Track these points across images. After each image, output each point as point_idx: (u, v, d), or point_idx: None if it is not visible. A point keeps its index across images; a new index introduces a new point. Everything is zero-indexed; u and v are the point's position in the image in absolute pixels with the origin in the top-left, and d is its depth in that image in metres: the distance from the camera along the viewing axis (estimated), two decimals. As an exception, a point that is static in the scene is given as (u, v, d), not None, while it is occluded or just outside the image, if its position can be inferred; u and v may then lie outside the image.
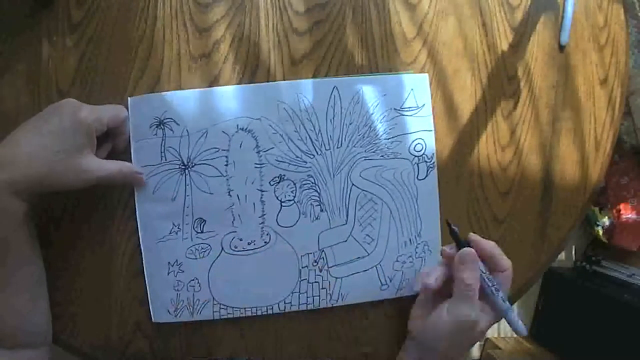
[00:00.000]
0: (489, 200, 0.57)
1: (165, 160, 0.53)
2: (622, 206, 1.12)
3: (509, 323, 0.50)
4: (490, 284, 0.49)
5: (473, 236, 0.51)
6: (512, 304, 0.60)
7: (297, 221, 0.54)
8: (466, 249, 0.49)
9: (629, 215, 1.11)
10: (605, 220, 1.14)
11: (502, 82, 0.57)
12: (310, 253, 0.54)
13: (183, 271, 0.53)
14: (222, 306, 0.54)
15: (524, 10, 0.58)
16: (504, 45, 0.58)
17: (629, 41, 0.61)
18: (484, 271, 0.49)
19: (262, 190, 0.53)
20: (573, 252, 1.29)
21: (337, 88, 0.54)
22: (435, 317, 0.49)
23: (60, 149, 0.44)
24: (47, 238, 0.53)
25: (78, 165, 0.45)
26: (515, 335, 1.42)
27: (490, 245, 0.50)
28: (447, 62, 0.56)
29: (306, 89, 0.54)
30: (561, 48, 0.58)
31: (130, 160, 0.52)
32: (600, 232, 1.15)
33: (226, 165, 0.53)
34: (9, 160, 0.43)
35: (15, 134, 0.44)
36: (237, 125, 0.53)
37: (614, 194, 1.12)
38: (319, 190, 0.54)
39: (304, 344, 0.55)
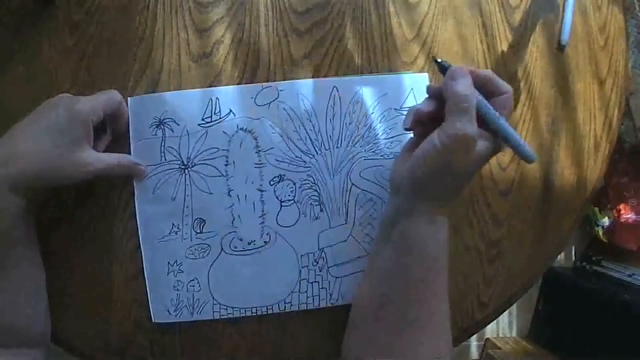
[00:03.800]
0: (489, 200, 0.57)
1: (165, 160, 0.53)
2: (622, 206, 1.11)
3: (515, 149, 0.43)
4: (489, 108, 0.42)
5: (466, 67, 0.43)
6: (512, 303, 0.61)
7: (297, 221, 0.54)
8: (456, 67, 0.43)
9: (629, 215, 1.11)
10: (605, 220, 1.14)
11: (502, 82, 0.57)
12: (310, 253, 0.54)
13: (183, 271, 0.53)
14: (222, 306, 0.54)
15: (523, 11, 0.58)
16: (503, 45, 0.58)
17: (628, 41, 0.61)
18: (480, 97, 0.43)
19: (262, 190, 0.53)
20: (573, 252, 1.29)
21: (336, 88, 0.54)
22: (423, 147, 0.43)
23: (57, 144, 0.44)
24: (47, 238, 0.53)
25: (76, 158, 0.45)
26: (515, 335, 1.42)
27: (487, 72, 0.44)
28: (447, 63, 0.56)
29: (306, 89, 0.54)
30: (561, 48, 0.58)
31: (130, 158, 0.53)
32: (600, 232, 1.15)
33: (226, 165, 0.53)
34: (6, 157, 0.43)
35: (13, 131, 0.45)
36: (237, 125, 0.53)
37: (614, 194, 1.12)
38: (318, 190, 0.54)
39: (304, 344, 0.55)
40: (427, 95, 0.46)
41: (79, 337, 0.54)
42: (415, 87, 0.55)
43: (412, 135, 0.49)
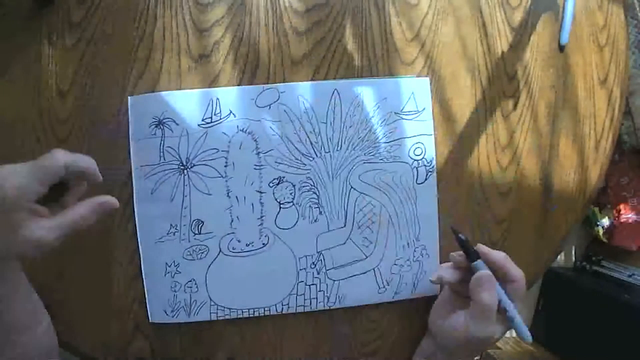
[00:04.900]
0: (489, 200, 0.57)
1: (164, 160, 0.53)
2: (622, 206, 1.11)
3: (518, 332, 0.50)
4: (502, 295, 0.48)
5: (482, 247, 0.50)
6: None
7: (295, 223, 0.54)
8: (483, 273, 0.48)
9: (629, 215, 1.10)
10: (605, 220, 1.13)
11: (502, 82, 0.57)
12: (309, 255, 0.54)
13: (180, 272, 0.53)
14: (219, 307, 0.54)
15: (523, 11, 0.58)
16: (503, 45, 0.57)
17: (628, 41, 0.61)
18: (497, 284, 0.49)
19: (261, 192, 0.53)
20: (573, 252, 1.28)
21: (337, 91, 0.54)
22: (454, 324, 0.50)
23: None
24: (47, 238, 0.53)
25: (23, 238, 0.40)
26: (514, 336, 1.42)
27: (500, 257, 0.49)
28: (446, 63, 0.56)
29: (306, 91, 0.53)
30: (561, 48, 0.58)
31: (129, 160, 0.53)
32: (600, 232, 1.14)
33: (225, 166, 0.53)
34: None
35: None
36: (237, 127, 0.53)
37: (614, 194, 1.12)
38: (318, 193, 0.54)
39: (304, 345, 0.56)
40: (451, 263, 0.52)
41: (79, 337, 0.54)
42: (415, 91, 0.55)
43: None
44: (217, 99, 0.53)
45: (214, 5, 0.54)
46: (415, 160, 0.55)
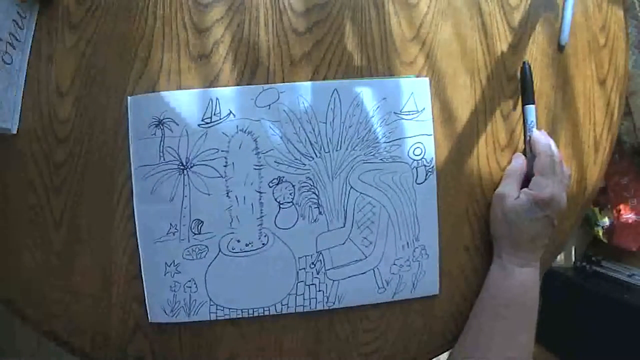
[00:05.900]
0: (489, 200, 0.57)
1: (164, 160, 0.53)
2: (622, 206, 1.11)
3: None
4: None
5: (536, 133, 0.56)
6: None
7: (295, 223, 0.54)
8: (519, 158, 0.57)
9: (629, 215, 1.11)
10: (605, 220, 1.14)
11: (502, 82, 0.57)
12: (308, 255, 0.54)
13: (180, 272, 0.53)
14: (218, 307, 0.54)
15: (523, 11, 0.58)
16: (503, 45, 0.57)
17: (628, 42, 0.61)
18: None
19: (260, 192, 0.53)
20: (573, 252, 1.28)
21: (337, 91, 0.54)
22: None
23: None
24: (47, 238, 0.53)
25: None
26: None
27: (536, 134, 0.55)
28: (446, 63, 0.56)
29: (306, 91, 0.53)
30: (560, 48, 0.58)
31: (129, 160, 0.53)
32: (600, 232, 1.15)
33: (225, 166, 0.53)
34: None
35: None
36: (237, 127, 0.53)
37: (614, 194, 1.12)
38: (317, 193, 0.54)
39: (304, 345, 0.56)
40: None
41: (80, 337, 0.54)
42: (415, 91, 0.55)
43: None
44: (217, 99, 0.53)
45: (213, 5, 0.54)
46: (414, 160, 0.55)
